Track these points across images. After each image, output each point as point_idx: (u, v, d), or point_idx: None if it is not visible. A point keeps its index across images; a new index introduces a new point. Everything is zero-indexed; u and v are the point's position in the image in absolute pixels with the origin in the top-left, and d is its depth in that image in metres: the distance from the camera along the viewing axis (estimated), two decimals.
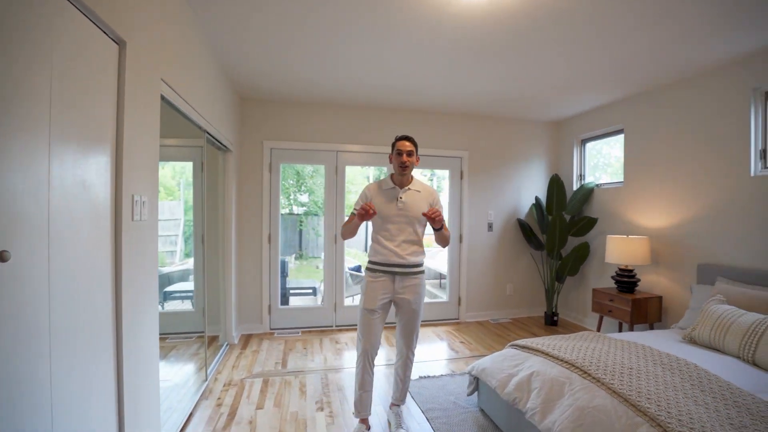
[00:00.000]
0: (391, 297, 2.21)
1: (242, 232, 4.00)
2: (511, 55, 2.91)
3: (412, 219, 2.20)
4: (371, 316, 2.18)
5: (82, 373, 1.32)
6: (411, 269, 2.21)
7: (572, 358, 2.05)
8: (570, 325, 4.42)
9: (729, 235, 3.00)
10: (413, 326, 2.27)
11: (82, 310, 1.33)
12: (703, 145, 3.19)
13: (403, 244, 2.19)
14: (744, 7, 2.22)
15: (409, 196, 2.21)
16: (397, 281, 2.19)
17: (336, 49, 2.81)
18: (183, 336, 3.68)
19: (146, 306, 1.79)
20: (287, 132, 4.09)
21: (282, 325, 4.14)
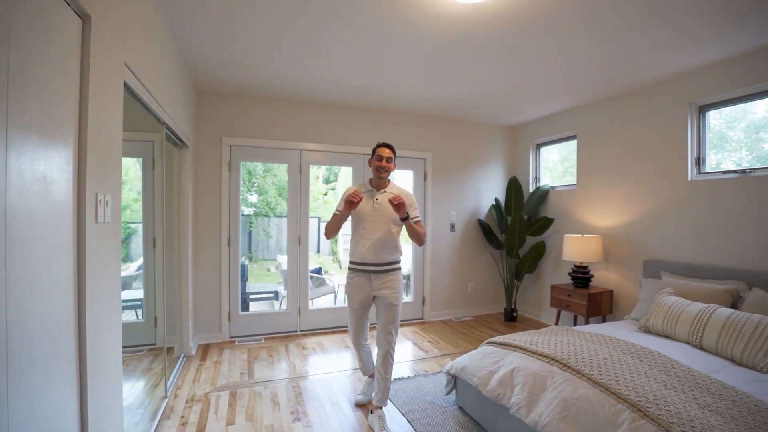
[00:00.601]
0: (369, 293, 2.38)
1: (199, 234, 3.72)
2: (480, 61, 3.00)
3: (387, 219, 2.35)
4: (354, 313, 2.45)
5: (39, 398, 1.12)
6: (386, 267, 2.37)
7: (551, 352, 2.13)
8: (528, 321, 4.64)
9: (670, 234, 3.32)
10: (392, 319, 2.37)
11: (43, 327, 1.13)
12: (647, 151, 3.51)
13: (378, 243, 2.34)
14: (681, 32, 2.51)
15: (385, 198, 2.35)
16: (373, 279, 2.36)
17: (304, 42, 2.70)
18: (132, 350, 3.34)
19: (110, 322, 1.58)
20: (248, 128, 3.88)
21: (243, 332, 3.91)
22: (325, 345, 3.78)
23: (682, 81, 3.24)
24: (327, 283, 5.49)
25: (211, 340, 3.76)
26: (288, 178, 4.10)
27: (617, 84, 3.48)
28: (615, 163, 3.80)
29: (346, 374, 3.09)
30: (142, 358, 3.35)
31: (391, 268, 2.38)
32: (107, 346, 1.56)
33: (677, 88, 3.27)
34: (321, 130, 4.15)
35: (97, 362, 1.44)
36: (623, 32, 2.51)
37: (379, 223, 2.34)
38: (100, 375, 1.47)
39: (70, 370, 1.30)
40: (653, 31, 2.49)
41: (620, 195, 3.75)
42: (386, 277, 2.36)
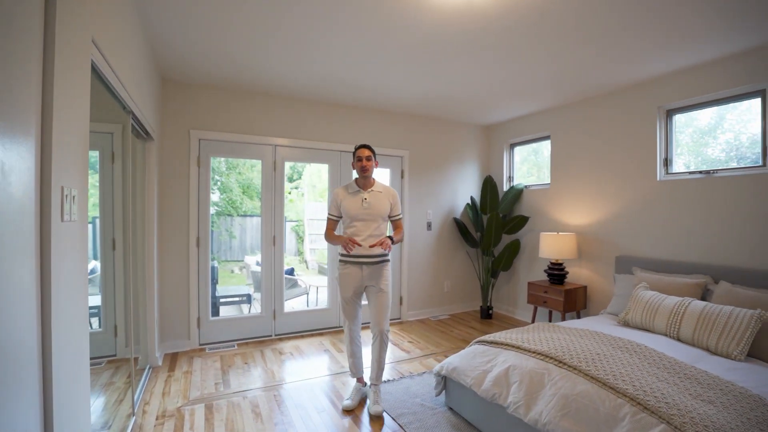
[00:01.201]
0: (361, 283, 2.55)
1: (165, 234, 3.44)
2: (461, 58, 2.99)
3: (375, 216, 2.55)
4: (348, 302, 2.59)
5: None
6: (376, 259, 2.55)
7: (544, 349, 2.14)
8: (503, 317, 4.72)
9: (640, 231, 3.47)
10: (383, 305, 2.54)
11: (3, 345, 0.95)
12: (619, 153, 3.65)
13: (368, 239, 2.52)
14: (652, 39, 2.63)
15: (373, 196, 2.57)
16: (364, 270, 2.53)
17: (280, 31, 2.55)
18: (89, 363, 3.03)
19: (78, 332, 1.38)
20: (219, 121, 3.64)
21: (214, 338, 3.67)
22: (302, 349, 3.62)
23: (652, 86, 3.39)
24: (299, 284, 5.31)
25: (179, 349, 3.49)
26: (261, 175, 3.89)
27: (593, 86, 3.59)
28: (588, 163, 3.93)
29: (329, 378, 2.97)
30: (101, 372, 3.05)
31: (381, 260, 2.56)
32: (74, 359, 1.36)
33: (648, 93, 3.42)
34: (296, 126, 3.98)
35: (63, 378, 1.25)
36: (603, 37, 2.61)
37: (369, 221, 2.54)
38: (65, 392, 1.27)
39: (33, 387, 1.10)
40: (629, 37, 2.61)
41: (593, 194, 3.89)
42: (376, 268, 2.54)
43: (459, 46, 2.78)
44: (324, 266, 9.64)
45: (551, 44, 2.73)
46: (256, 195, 9.87)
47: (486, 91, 3.76)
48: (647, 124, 3.43)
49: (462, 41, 2.71)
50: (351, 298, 2.57)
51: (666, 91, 3.29)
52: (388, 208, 2.59)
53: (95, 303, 3.32)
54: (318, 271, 9.52)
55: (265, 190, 3.89)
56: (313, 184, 11.54)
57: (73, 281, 1.34)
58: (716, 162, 3.10)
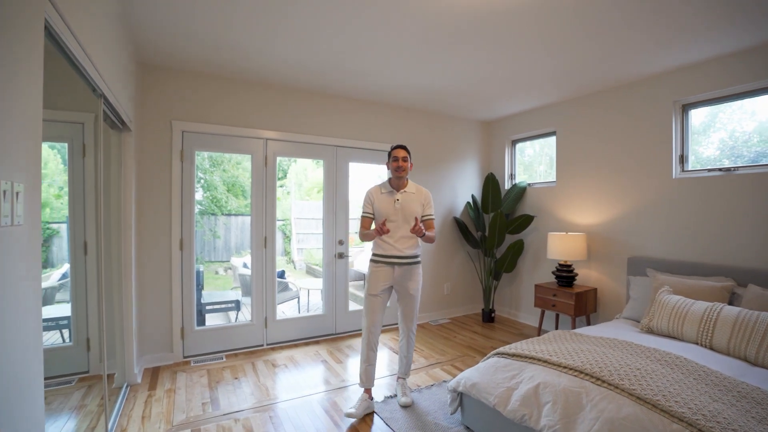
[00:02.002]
0: (391, 283, 2.56)
1: (145, 236, 3.10)
2: (464, 48, 2.80)
3: (408, 218, 2.54)
4: (374, 300, 2.54)
5: None
6: (407, 260, 2.55)
7: (576, 364, 1.92)
8: (506, 321, 4.52)
9: (655, 231, 3.31)
10: (412, 308, 2.60)
11: None
12: (631, 149, 3.48)
13: (400, 240, 2.53)
14: (667, 32, 2.51)
15: (405, 197, 2.56)
16: (396, 270, 2.53)
17: (270, 11, 2.26)
18: (57, 381, 2.69)
19: (26, 355, 1.08)
20: (204, 112, 3.31)
21: (200, 350, 3.35)
22: (297, 360, 3.34)
23: (667, 79, 3.22)
24: (290, 287, 5.01)
25: (160, 363, 3.16)
26: (251, 172, 3.58)
27: (602, 80, 3.41)
28: (596, 159, 3.76)
29: (330, 394, 2.70)
30: (71, 392, 2.71)
31: (412, 261, 2.56)
32: (20, 383, 1.06)
33: (662, 86, 3.26)
34: (289, 118, 3.68)
35: (11, 404, 0.95)
36: (614, 28, 2.47)
37: (401, 222, 2.52)
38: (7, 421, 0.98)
39: None
40: (642, 28, 2.47)
41: (602, 192, 3.71)
42: (408, 269, 2.55)
43: (464, 34, 2.57)
44: (313, 266, 9.38)
45: (561, 35, 2.57)
46: (241, 193, 9.47)
47: (489, 84, 3.54)
48: (662, 119, 3.26)
49: (467, 30, 2.50)
50: (377, 297, 2.54)
51: (682, 85, 3.13)
52: (420, 209, 2.57)
53: (65, 313, 2.98)
54: (306, 272, 9.21)
55: (256, 187, 3.58)
56: (300, 183, 11.19)
57: (20, 296, 1.05)
58: (739, 158, 2.95)
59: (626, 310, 3.08)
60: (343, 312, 4.00)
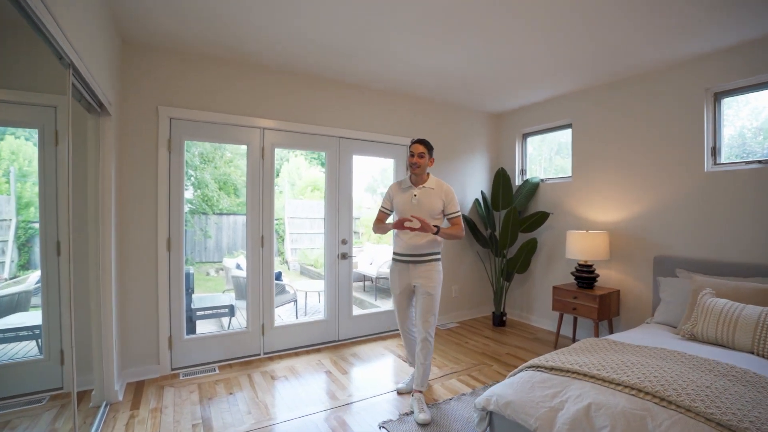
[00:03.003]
0: (408, 281, 2.52)
1: (127, 235, 2.77)
2: (479, 28, 2.57)
3: (423, 214, 2.43)
4: (397, 298, 2.58)
5: None
6: (424, 257, 2.48)
7: (633, 381, 1.65)
8: (518, 325, 4.26)
9: (684, 228, 3.08)
10: (429, 308, 2.45)
11: None
12: (657, 141, 3.24)
13: (416, 236, 2.46)
14: (699, 15, 2.32)
15: (423, 193, 2.48)
16: (411, 269, 2.50)
17: None
18: (26, 399, 2.36)
19: None
20: (194, 97, 2.99)
21: (190, 361, 3.02)
22: (298, 370, 3.03)
23: (697, 65, 2.99)
24: (287, 290, 4.69)
25: (145, 376, 2.83)
26: (247, 164, 3.26)
27: (624, 67, 3.18)
28: (618, 153, 3.52)
29: (338, 411, 2.41)
30: (40, 413, 2.38)
31: (428, 259, 2.48)
32: None
33: (692, 73, 3.03)
34: (288, 106, 3.37)
35: None
36: (639, 10, 2.27)
37: (421, 216, 2.39)
38: None
39: None
40: (672, 9, 2.26)
41: (624, 187, 3.47)
42: (424, 267, 2.47)
43: (480, 13, 2.33)
44: (308, 267, 9.06)
45: (583, 18, 2.39)
46: (233, 192, 9.11)
47: (503, 71, 3.28)
48: (692, 109, 3.03)
49: (484, 7, 2.27)
50: (399, 297, 2.57)
51: (714, 72, 2.90)
52: (440, 205, 2.48)
53: (35, 322, 2.64)
54: (300, 273, 8.91)
55: (252, 181, 3.26)
56: (293, 182, 10.85)
57: None
58: None
59: (658, 314, 2.84)
60: (346, 317, 3.70)
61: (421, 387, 2.45)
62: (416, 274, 2.46)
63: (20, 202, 2.70)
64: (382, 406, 2.47)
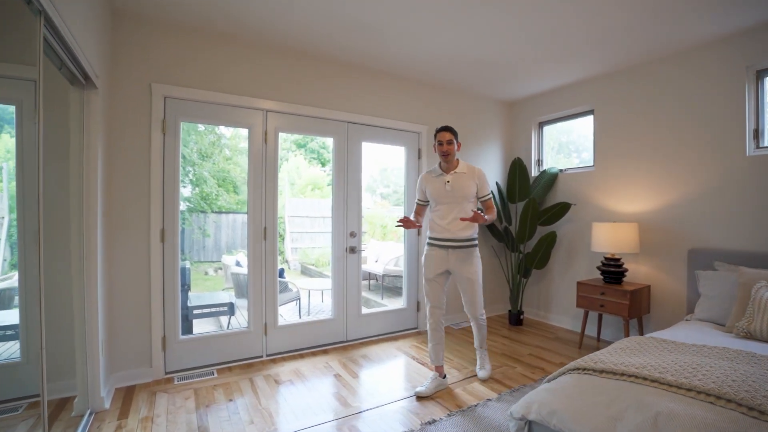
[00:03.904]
0: (446, 267, 2.51)
1: (116, 225, 2.51)
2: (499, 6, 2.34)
3: (459, 198, 2.47)
4: (431, 284, 2.53)
5: None
6: (462, 243, 2.49)
7: (709, 386, 1.40)
8: (536, 324, 4.01)
9: (723, 218, 2.84)
10: (473, 293, 2.52)
11: None
12: (692, 124, 3.00)
13: (453, 222, 2.46)
14: None
15: (456, 178, 2.49)
16: (450, 253, 2.49)
17: None
18: None
19: None
20: (192, 75, 2.74)
21: (186, 364, 2.76)
22: (304, 373, 2.77)
23: (737, 42, 2.76)
24: (290, 288, 4.44)
25: (136, 381, 2.56)
26: (248, 149, 3.01)
27: (653, 47, 2.96)
28: (645, 139, 3.28)
29: (350, 419, 2.15)
30: (15, 423, 2.12)
31: (467, 245, 2.50)
32: None
33: (732, 50, 2.79)
34: (293, 87, 3.12)
35: None
36: None
37: (453, 204, 2.48)
38: None
39: None
40: None
41: (653, 176, 3.23)
42: (463, 252, 2.48)
43: None
44: (308, 266, 8.81)
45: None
46: (233, 189, 8.85)
47: (522, 52, 3.04)
48: (731, 89, 2.79)
49: None
50: (433, 280, 2.52)
51: (756, 48, 2.67)
52: (474, 188, 2.49)
53: (13, 321, 2.38)
54: (301, 272, 8.69)
55: (253, 169, 3.01)
56: (292, 181, 10.61)
57: None
58: None
59: (699, 311, 2.59)
60: (355, 316, 3.44)
61: (481, 346, 2.71)
62: (454, 260, 2.47)
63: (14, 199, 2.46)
64: (400, 415, 2.21)
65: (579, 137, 4.11)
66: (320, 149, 11.37)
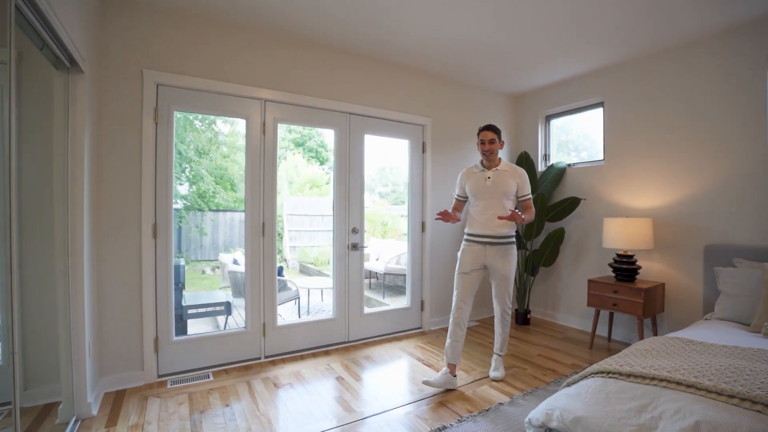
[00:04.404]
0: (483, 263, 2.52)
1: (104, 218, 2.37)
2: None
3: (498, 195, 2.49)
4: (464, 277, 2.51)
5: None
6: (499, 240, 2.49)
7: (756, 392, 1.28)
8: (543, 323, 3.89)
9: (742, 213, 2.72)
10: (504, 289, 2.57)
11: None
12: (709, 116, 2.88)
13: (492, 218, 2.47)
14: None
15: (497, 175, 2.51)
16: (488, 250, 2.50)
17: None
18: None
19: None
20: (186, 61, 2.60)
21: (179, 367, 2.62)
22: (305, 376, 2.64)
23: (757, 29, 2.63)
24: (289, 286, 4.30)
25: (126, 385, 2.42)
26: (246, 142, 2.87)
27: (670, 35, 2.83)
28: (659, 132, 3.15)
29: (355, 425, 2.01)
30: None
31: (505, 241, 2.50)
32: None
33: (751, 38, 2.67)
34: (293, 76, 2.98)
35: None
36: None
37: (493, 199, 2.49)
38: None
39: None
40: None
41: (666, 170, 3.11)
42: (500, 249, 2.50)
43: None
44: (307, 265, 8.67)
45: None
46: (230, 187, 8.70)
47: (533, 39, 2.90)
48: (752, 78, 2.67)
49: None
50: (468, 274, 2.52)
51: None
52: (514, 187, 2.51)
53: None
54: (299, 271, 8.56)
55: (251, 161, 2.87)
56: (291, 180, 10.46)
57: None
58: None
59: (720, 310, 2.47)
60: (357, 315, 3.31)
61: (500, 351, 2.65)
62: (491, 256, 2.49)
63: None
64: (408, 421, 2.08)
65: (578, 136, 4.00)
66: (318, 148, 11.23)
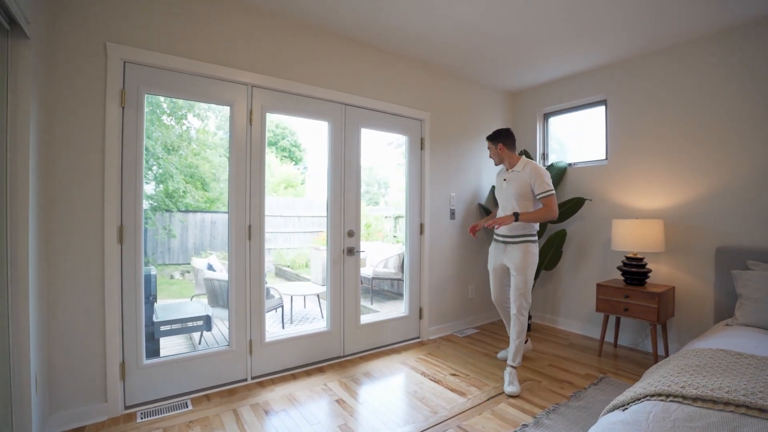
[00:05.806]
0: (502, 260, 2.65)
1: (58, 222, 1.96)
2: None
3: (510, 196, 2.56)
4: (491, 273, 2.76)
5: None
6: (514, 239, 2.56)
7: None
8: (544, 329, 3.73)
9: (756, 214, 2.64)
10: (517, 286, 2.53)
11: None
12: (720, 113, 2.79)
13: None
14: None
15: (513, 176, 2.56)
16: (507, 248, 2.62)
17: None
18: None
19: None
20: (160, 37, 2.22)
21: (151, 395, 2.22)
22: (299, 399, 2.32)
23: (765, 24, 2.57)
24: (272, 294, 3.94)
25: (85, 421, 2.01)
26: (230, 132, 2.51)
27: (677, 30, 2.73)
28: (666, 130, 3.06)
29: None
30: None
31: (518, 240, 2.55)
32: None
33: (760, 34, 2.59)
34: (283, 59, 2.65)
35: None
36: None
37: (508, 200, 2.57)
38: None
39: None
40: None
41: (675, 169, 3.01)
42: (516, 247, 2.55)
43: None
44: (284, 268, 8.25)
45: None
46: (201, 186, 8.14)
47: (535, 27, 2.71)
48: (762, 73, 2.59)
49: None
50: (493, 273, 2.74)
51: None
52: (528, 186, 2.49)
53: None
54: (275, 274, 8.16)
55: (236, 155, 2.51)
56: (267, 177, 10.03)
57: None
58: None
59: (742, 315, 2.35)
60: (353, 326, 3.01)
61: (513, 362, 2.53)
62: (508, 254, 2.59)
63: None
64: None
65: (569, 138, 3.88)
66: (291, 147, 10.85)
